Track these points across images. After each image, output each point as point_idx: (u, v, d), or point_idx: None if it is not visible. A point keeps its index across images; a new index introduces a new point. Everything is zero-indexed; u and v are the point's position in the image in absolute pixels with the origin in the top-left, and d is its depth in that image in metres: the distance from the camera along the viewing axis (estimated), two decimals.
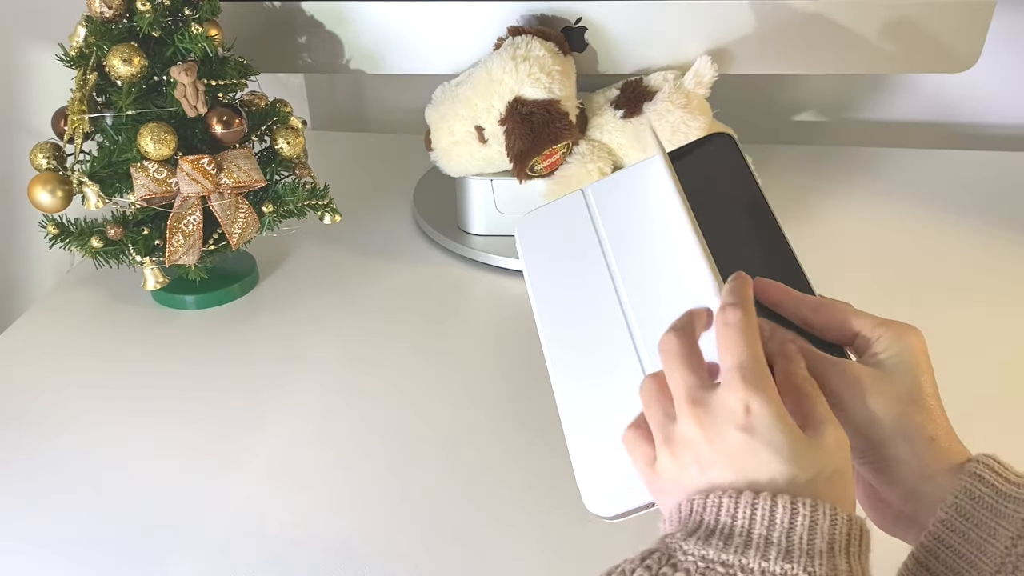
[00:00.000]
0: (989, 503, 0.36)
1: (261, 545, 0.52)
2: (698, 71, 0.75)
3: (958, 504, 0.37)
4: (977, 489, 0.37)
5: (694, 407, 0.34)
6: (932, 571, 0.37)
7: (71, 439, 0.61)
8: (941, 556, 0.37)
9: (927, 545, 0.37)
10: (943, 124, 1.06)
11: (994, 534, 0.36)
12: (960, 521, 0.36)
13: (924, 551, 0.37)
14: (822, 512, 0.32)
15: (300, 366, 0.68)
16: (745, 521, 0.32)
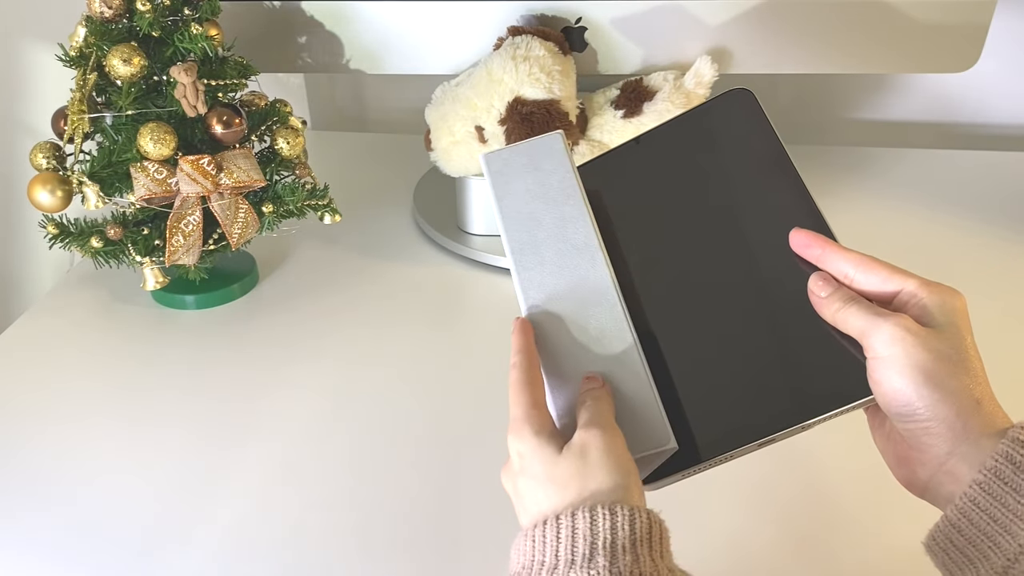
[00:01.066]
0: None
1: (260, 545, 0.52)
2: (698, 71, 0.75)
3: (998, 468, 0.36)
4: (1019, 454, 0.35)
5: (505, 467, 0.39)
6: (964, 533, 0.37)
7: (71, 439, 0.61)
8: (975, 519, 0.36)
9: (962, 507, 0.36)
10: (943, 124, 1.06)
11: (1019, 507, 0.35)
12: (998, 485, 0.36)
13: (958, 513, 0.37)
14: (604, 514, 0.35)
15: (300, 366, 0.68)
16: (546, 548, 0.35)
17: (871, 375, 0.39)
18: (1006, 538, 0.35)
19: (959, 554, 0.37)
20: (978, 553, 0.36)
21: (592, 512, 0.35)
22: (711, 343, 0.42)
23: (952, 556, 0.37)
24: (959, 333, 0.39)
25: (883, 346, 0.38)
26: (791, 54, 0.78)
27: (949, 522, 0.37)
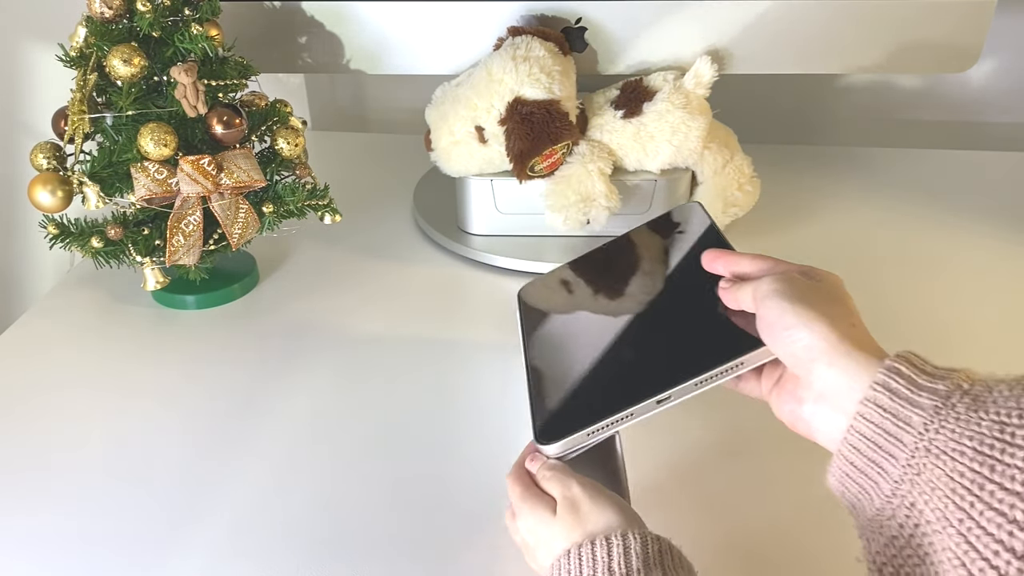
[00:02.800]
0: (904, 393, 0.36)
1: (260, 544, 0.52)
2: (698, 71, 0.75)
3: (876, 397, 0.37)
4: (894, 382, 0.37)
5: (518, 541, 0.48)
6: (856, 465, 0.38)
7: (71, 439, 0.61)
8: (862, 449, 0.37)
9: (849, 440, 0.38)
10: (943, 124, 1.06)
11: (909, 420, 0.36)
12: (878, 413, 0.37)
13: (847, 446, 0.38)
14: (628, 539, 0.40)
15: (300, 366, 0.68)
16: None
17: (760, 320, 0.43)
18: (890, 462, 0.36)
19: (855, 485, 0.38)
20: (870, 482, 0.37)
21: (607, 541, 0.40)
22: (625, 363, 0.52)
23: (850, 488, 0.39)
24: (837, 286, 0.44)
25: (767, 284, 0.43)
26: (791, 54, 0.78)
27: (841, 456, 0.38)
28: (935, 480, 0.34)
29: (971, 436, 0.33)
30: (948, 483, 0.33)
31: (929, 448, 0.35)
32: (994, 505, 0.31)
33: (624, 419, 0.47)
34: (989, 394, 0.34)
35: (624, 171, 0.78)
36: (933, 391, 0.36)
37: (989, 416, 0.33)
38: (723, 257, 0.50)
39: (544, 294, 0.61)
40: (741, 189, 0.79)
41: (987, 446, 0.33)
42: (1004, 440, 0.32)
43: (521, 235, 0.80)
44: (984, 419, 0.33)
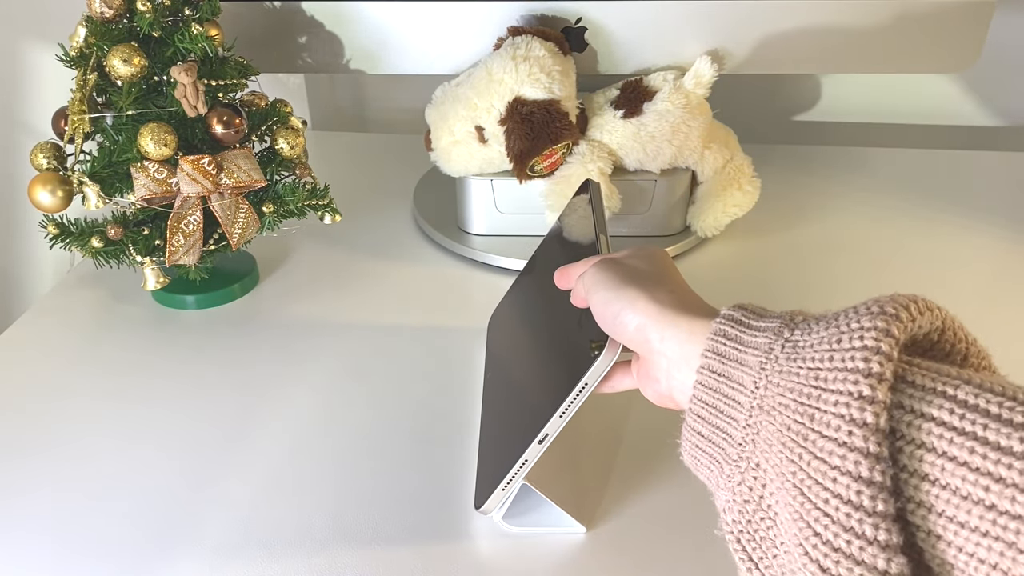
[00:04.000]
0: (733, 355, 0.36)
1: (261, 544, 0.52)
2: (698, 71, 0.75)
3: (709, 363, 0.37)
4: (721, 345, 0.37)
5: None
6: (702, 434, 0.38)
7: (70, 439, 0.61)
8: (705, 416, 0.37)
9: (691, 411, 0.38)
10: (943, 124, 1.06)
11: (741, 381, 0.35)
12: (713, 379, 0.37)
13: (691, 417, 0.38)
14: None
15: (300, 366, 0.68)
16: None
17: (594, 315, 0.44)
18: (732, 425, 0.36)
19: (704, 455, 0.38)
20: (718, 449, 0.37)
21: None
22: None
23: (701, 459, 0.38)
24: (656, 258, 0.45)
25: (588, 277, 0.44)
26: (791, 54, 0.78)
27: (688, 428, 0.38)
28: (770, 437, 0.34)
29: (791, 388, 0.33)
30: (779, 437, 0.33)
31: (761, 405, 0.34)
32: (817, 454, 0.31)
33: (523, 466, 0.49)
34: (804, 339, 0.34)
35: (624, 171, 0.78)
36: (756, 346, 0.35)
37: (806, 364, 0.33)
38: (563, 274, 0.50)
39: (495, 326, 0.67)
40: (741, 189, 0.79)
41: (805, 395, 0.32)
42: (819, 387, 0.32)
43: (521, 235, 0.80)
44: (802, 368, 0.33)
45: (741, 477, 0.35)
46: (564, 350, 0.50)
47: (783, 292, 0.76)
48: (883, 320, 0.32)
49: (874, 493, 0.29)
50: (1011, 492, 0.27)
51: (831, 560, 0.30)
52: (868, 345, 0.31)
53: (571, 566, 0.51)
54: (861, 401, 0.30)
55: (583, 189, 0.59)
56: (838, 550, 0.30)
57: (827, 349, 0.32)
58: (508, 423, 0.54)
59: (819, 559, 0.31)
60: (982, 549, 0.28)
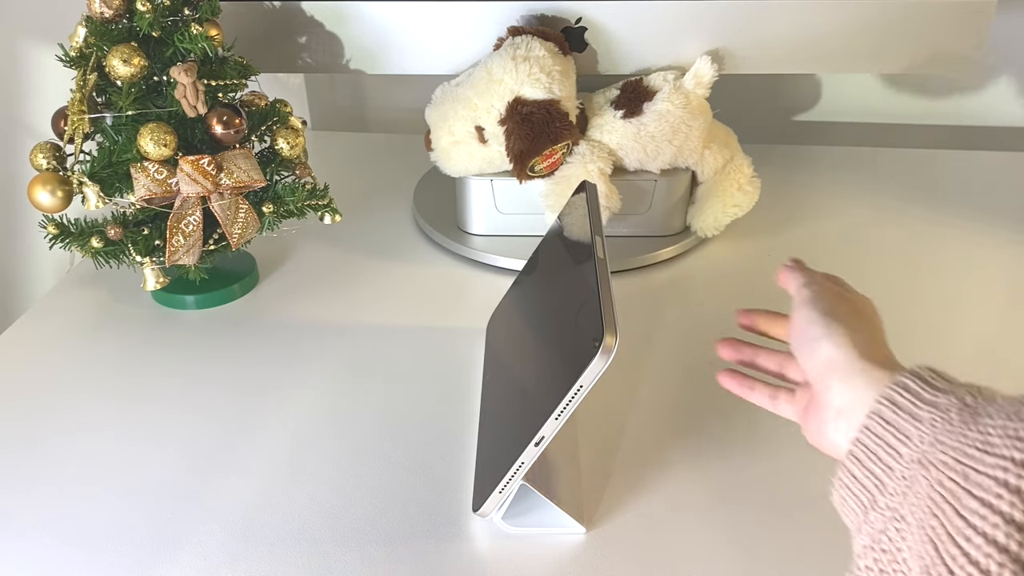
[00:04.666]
0: (908, 407, 0.36)
1: (261, 544, 0.52)
2: (698, 71, 0.75)
3: (881, 410, 0.37)
4: (901, 397, 0.37)
5: None
6: (856, 477, 0.38)
7: (71, 439, 0.61)
8: (864, 461, 0.37)
9: (851, 452, 0.38)
10: (943, 124, 1.06)
11: (908, 433, 0.36)
12: (881, 425, 0.37)
13: (849, 457, 0.38)
14: None
15: (300, 366, 0.68)
16: None
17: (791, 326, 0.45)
18: (887, 474, 0.36)
19: (853, 497, 0.38)
20: (867, 495, 0.37)
21: None
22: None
23: (848, 500, 0.38)
24: (867, 304, 0.46)
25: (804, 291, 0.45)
26: (791, 54, 0.78)
27: (844, 468, 0.38)
28: (921, 491, 0.34)
29: (955, 447, 0.33)
30: (930, 492, 0.33)
31: (921, 461, 0.34)
32: (961, 511, 0.31)
33: (520, 469, 0.49)
34: (986, 408, 0.34)
35: (624, 171, 0.78)
36: (934, 405, 0.36)
37: (977, 428, 0.33)
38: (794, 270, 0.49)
39: (495, 327, 0.67)
40: (741, 189, 0.79)
41: (967, 456, 0.32)
42: (984, 450, 0.32)
43: (521, 235, 0.80)
44: (971, 431, 0.33)
45: (884, 525, 0.36)
46: (562, 352, 0.50)
47: (782, 292, 0.76)
48: None
49: (1004, 562, 0.29)
50: None
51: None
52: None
53: (571, 566, 0.51)
54: (1020, 468, 0.30)
55: (580, 190, 0.59)
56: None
57: (1003, 418, 0.32)
58: (505, 425, 0.54)
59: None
60: None
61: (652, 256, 0.79)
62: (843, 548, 0.52)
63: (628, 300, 0.75)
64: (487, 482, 0.52)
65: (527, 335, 0.58)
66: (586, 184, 0.59)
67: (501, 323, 0.66)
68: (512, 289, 0.66)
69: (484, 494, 0.52)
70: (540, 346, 0.55)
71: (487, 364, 0.64)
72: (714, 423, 0.61)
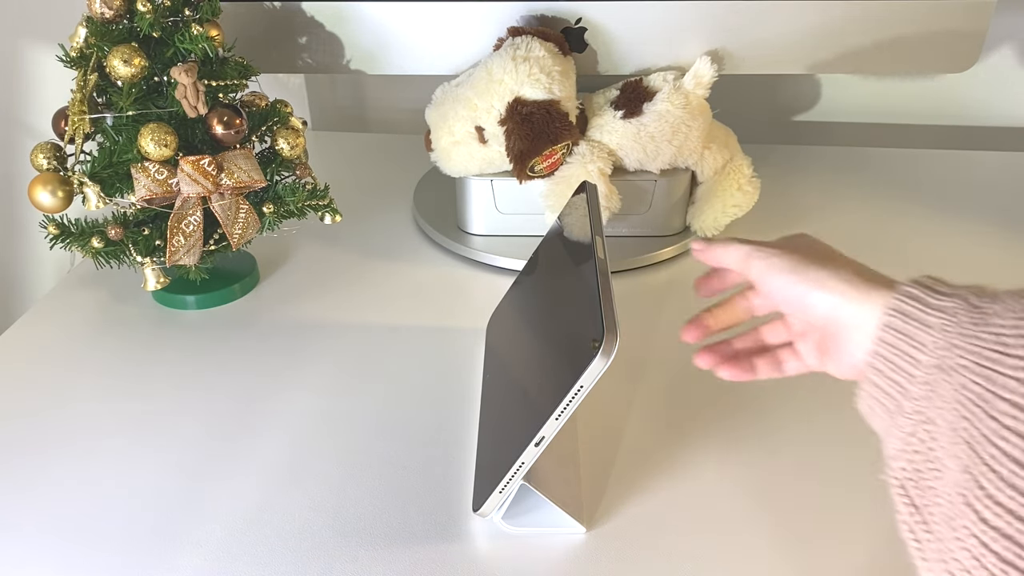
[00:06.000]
0: (917, 315, 0.38)
1: (261, 544, 0.53)
2: (698, 71, 0.75)
3: (891, 321, 0.39)
4: (907, 304, 0.39)
5: None
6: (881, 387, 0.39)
7: (71, 438, 0.61)
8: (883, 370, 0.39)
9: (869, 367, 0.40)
10: (943, 124, 1.06)
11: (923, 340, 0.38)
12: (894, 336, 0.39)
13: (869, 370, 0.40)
14: None
15: (300, 366, 0.68)
16: None
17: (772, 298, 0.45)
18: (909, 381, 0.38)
19: (880, 406, 0.40)
20: (893, 402, 0.39)
21: None
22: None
23: (876, 410, 0.40)
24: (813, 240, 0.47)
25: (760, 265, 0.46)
26: (791, 54, 0.78)
27: (867, 379, 0.40)
28: (946, 395, 0.36)
29: (972, 351, 0.35)
30: (955, 396, 0.35)
31: (939, 365, 0.36)
32: (992, 413, 0.33)
33: (520, 469, 0.49)
34: (992, 307, 0.36)
35: (624, 171, 0.78)
36: (941, 309, 0.38)
37: (989, 330, 0.35)
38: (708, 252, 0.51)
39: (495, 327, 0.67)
40: (741, 189, 0.79)
41: (986, 358, 0.34)
42: (1001, 352, 0.34)
43: (521, 235, 0.80)
44: (984, 333, 0.35)
45: (912, 428, 0.37)
46: (562, 351, 0.50)
47: None
48: None
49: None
50: None
51: (991, 512, 0.32)
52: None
53: (571, 566, 0.51)
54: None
55: (581, 190, 0.59)
56: (1000, 504, 0.32)
57: (1013, 318, 0.35)
58: (505, 425, 0.54)
59: (980, 510, 0.33)
60: None
61: (652, 256, 0.79)
62: (844, 548, 0.52)
63: (628, 300, 0.75)
64: (487, 482, 0.52)
65: (527, 335, 0.58)
66: (586, 184, 0.59)
67: (501, 323, 0.66)
68: (512, 289, 0.66)
69: (484, 494, 0.52)
70: (540, 346, 0.55)
71: (487, 364, 0.64)
72: (714, 423, 0.61)
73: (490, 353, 0.65)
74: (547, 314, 0.56)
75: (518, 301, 0.64)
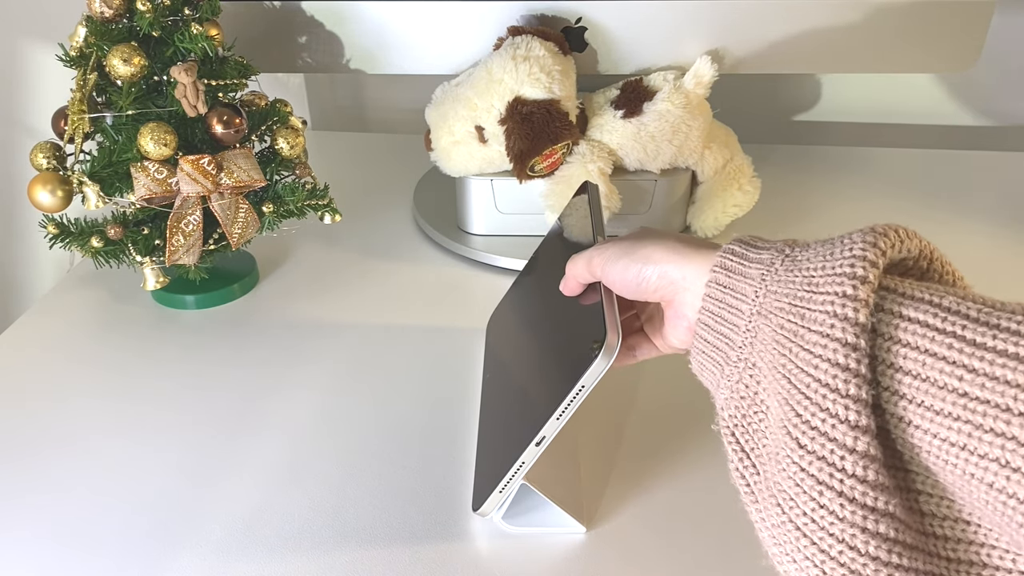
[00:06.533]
0: (738, 268, 0.40)
1: (261, 543, 0.52)
2: (698, 71, 0.75)
3: (716, 277, 0.41)
4: (729, 260, 0.41)
5: None
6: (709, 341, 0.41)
7: (71, 439, 0.61)
8: (711, 325, 0.41)
9: (699, 320, 0.42)
10: (943, 124, 1.06)
11: (743, 291, 0.39)
12: (719, 290, 0.41)
13: (699, 326, 0.42)
14: None
15: (300, 366, 0.68)
16: None
17: (612, 284, 0.46)
18: (733, 331, 0.40)
19: (709, 359, 0.42)
20: (720, 353, 0.41)
21: None
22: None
23: (706, 364, 0.42)
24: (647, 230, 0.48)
25: (597, 257, 0.47)
26: (791, 54, 0.78)
27: (697, 336, 0.42)
28: (766, 337, 0.38)
29: (787, 293, 0.37)
30: (773, 336, 0.37)
31: (759, 311, 0.38)
32: (804, 346, 0.35)
33: (520, 468, 0.49)
34: (804, 254, 0.38)
35: (624, 171, 0.78)
36: (759, 261, 0.39)
37: (801, 273, 0.37)
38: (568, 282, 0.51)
39: (495, 327, 0.66)
40: (741, 189, 0.79)
41: (798, 299, 0.36)
42: (811, 291, 0.36)
43: (521, 235, 0.80)
44: (797, 276, 0.37)
45: (739, 376, 0.39)
46: (563, 352, 0.50)
47: None
48: (872, 236, 0.36)
49: (848, 378, 0.33)
50: (981, 380, 0.31)
51: (807, 437, 0.34)
52: (856, 253, 0.35)
53: (571, 566, 0.51)
54: (845, 299, 0.34)
55: (582, 190, 0.59)
56: (814, 428, 0.34)
57: (820, 260, 0.36)
58: (506, 425, 0.54)
59: (798, 437, 0.34)
60: (952, 432, 0.31)
61: None
62: None
63: None
64: (487, 481, 0.52)
65: (528, 335, 0.58)
66: (588, 185, 0.59)
67: (501, 323, 0.66)
68: (512, 289, 0.66)
69: (484, 493, 0.52)
70: (541, 346, 0.54)
71: (487, 363, 0.64)
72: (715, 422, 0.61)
73: (490, 352, 0.65)
74: (548, 314, 0.56)
75: (518, 301, 0.64)
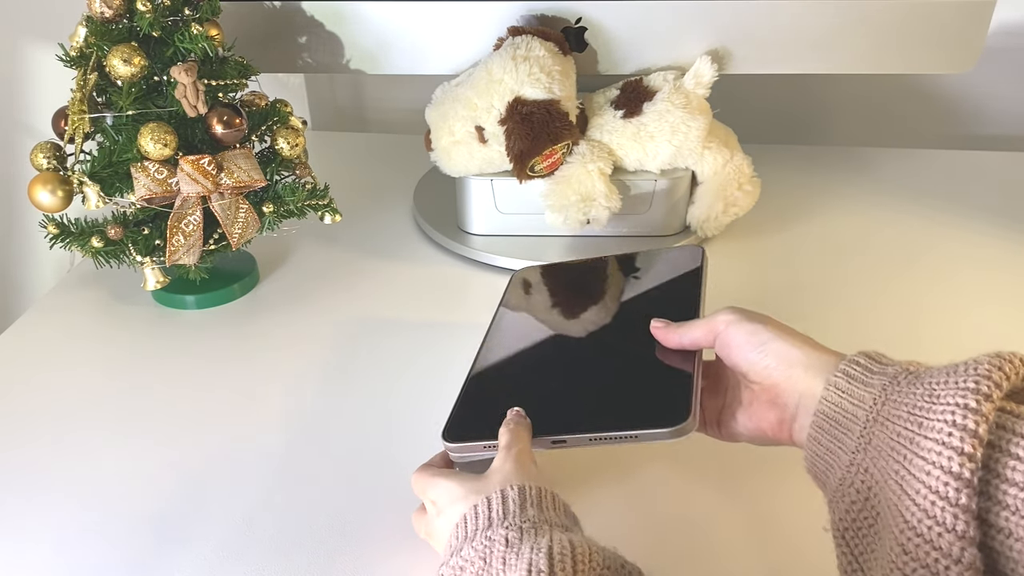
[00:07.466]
0: (860, 377, 0.41)
1: (261, 543, 0.52)
2: (698, 71, 0.75)
3: (836, 381, 0.42)
4: (852, 369, 0.42)
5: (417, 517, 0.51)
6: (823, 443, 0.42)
7: (71, 439, 0.61)
8: (826, 428, 0.42)
9: (813, 423, 0.42)
10: (943, 124, 1.06)
11: (862, 399, 0.40)
12: (837, 394, 0.42)
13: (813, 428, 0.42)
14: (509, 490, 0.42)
15: (300, 366, 0.68)
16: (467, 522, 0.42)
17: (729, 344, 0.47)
18: (848, 435, 0.40)
19: (821, 461, 0.42)
20: (832, 456, 0.41)
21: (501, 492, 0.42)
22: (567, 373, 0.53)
23: (818, 464, 0.42)
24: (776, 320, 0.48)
25: (728, 315, 0.48)
26: (791, 54, 0.78)
27: (811, 438, 0.43)
28: (881, 444, 0.38)
29: (907, 403, 0.38)
30: (889, 443, 0.38)
31: (876, 419, 0.39)
32: (919, 453, 0.35)
33: None
34: (928, 371, 0.39)
35: (624, 171, 0.78)
36: (883, 373, 0.41)
37: (924, 385, 0.38)
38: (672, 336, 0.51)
39: (529, 287, 0.64)
40: (741, 189, 0.79)
41: (918, 408, 0.37)
42: (931, 401, 0.37)
43: (521, 235, 0.80)
44: (919, 388, 0.38)
45: (851, 480, 0.40)
46: (631, 387, 0.49)
47: (782, 292, 0.76)
48: (998, 360, 0.37)
49: (959, 487, 0.33)
50: None
51: (913, 544, 0.34)
52: (981, 372, 0.36)
53: None
54: (966, 410, 0.35)
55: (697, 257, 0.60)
56: (920, 535, 0.34)
57: (944, 376, 0.37)
58: (524, 394, 0.51)
59: (904, 543, 0.34)
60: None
61: None
62: None
63: None
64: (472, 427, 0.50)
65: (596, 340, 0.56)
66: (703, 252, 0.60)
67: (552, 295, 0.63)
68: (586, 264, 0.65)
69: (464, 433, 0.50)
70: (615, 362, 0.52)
71: (511, 302, 0.62)
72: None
73: (523, 301, 0.62)
74: (628, 336, 0.54)
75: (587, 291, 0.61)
